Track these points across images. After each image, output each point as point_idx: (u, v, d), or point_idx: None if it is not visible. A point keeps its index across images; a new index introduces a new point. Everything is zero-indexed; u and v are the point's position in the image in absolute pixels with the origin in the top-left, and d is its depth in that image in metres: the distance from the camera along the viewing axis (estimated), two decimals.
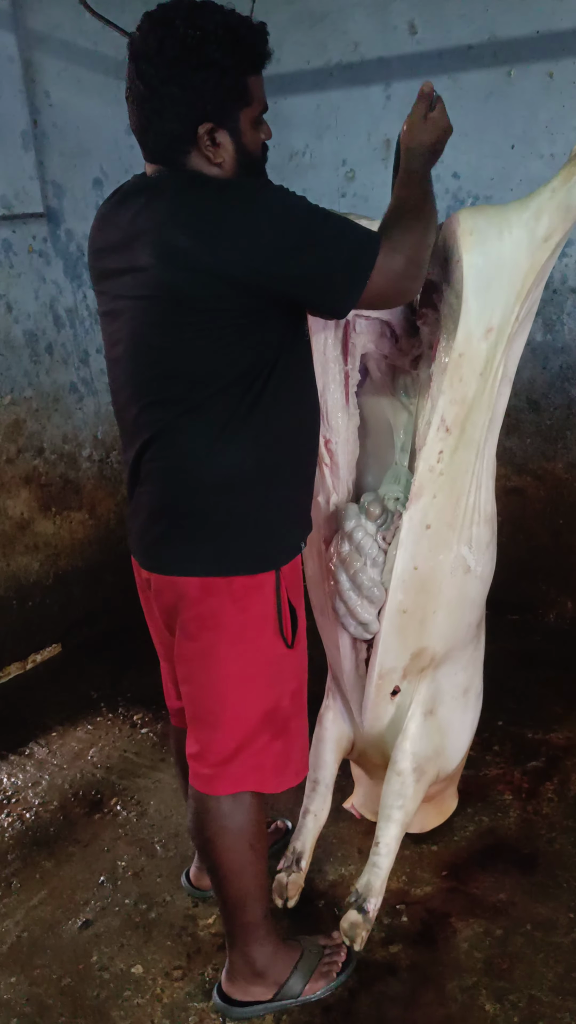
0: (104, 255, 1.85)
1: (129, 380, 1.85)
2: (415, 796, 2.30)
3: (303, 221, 1.69)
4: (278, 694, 1.95)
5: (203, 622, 1.87)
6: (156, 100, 1.70)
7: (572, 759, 2.97)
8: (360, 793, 2.69)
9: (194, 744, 1.99)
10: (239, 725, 1.93)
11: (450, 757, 2.41)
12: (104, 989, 2.23)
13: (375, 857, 2.27)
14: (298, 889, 2.38)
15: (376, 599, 2.16)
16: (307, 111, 3.83)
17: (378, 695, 2.27)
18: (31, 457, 3.73)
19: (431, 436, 2.04)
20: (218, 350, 1.72)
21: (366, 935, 2.20)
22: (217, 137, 1.74)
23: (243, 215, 1.66)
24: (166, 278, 1.68)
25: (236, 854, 2.01)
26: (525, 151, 3.44)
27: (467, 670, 2.39)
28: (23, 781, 3.07)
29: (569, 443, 3.72)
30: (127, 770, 3.09)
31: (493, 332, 2.00)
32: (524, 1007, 2.10)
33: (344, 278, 1.71)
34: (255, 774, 1.97)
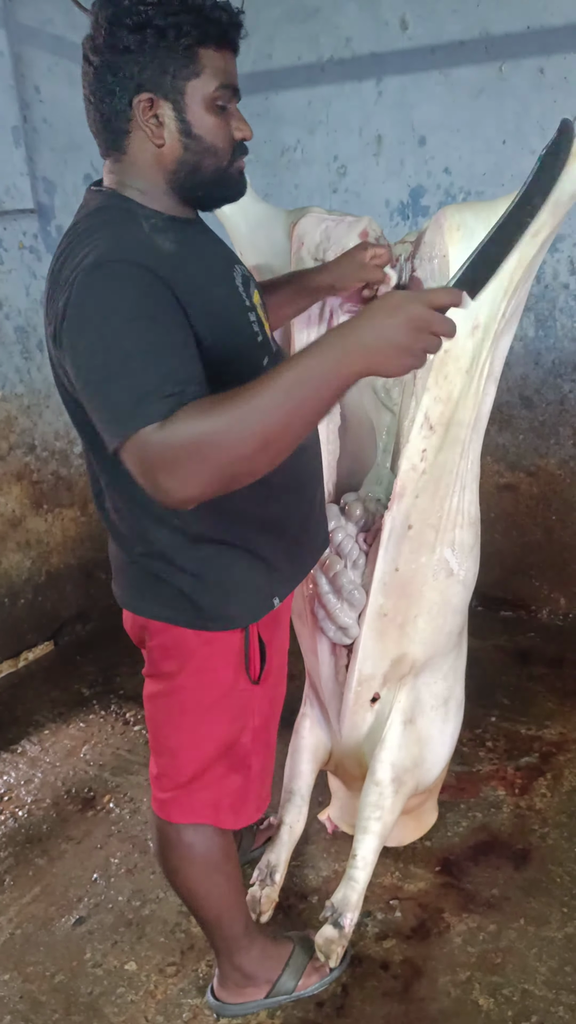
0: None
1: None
2: (393, 807, 2.25)
3: (111, 326, 1.37)
4: (239, 729, 1.85)
5: (166, 651, 1.79)
6: (92, 75, 1.52)
7: (565, 755, 2.97)
8: (336, 806, 2.64)
9: (154, 766, 1.92)
10: (196, 754, 1.84)
11: (429, 768, 2.36)
12: (97, 986, 2.23)
13: (352, 871, 2.20)
14: (272, 904, 2.31)
15: (356, 602, 2.12)
16: (299, 107, 3.82)
17: (357, 702, 2.24)
18: (23, 454, 3.72)
19: (414, 434, 2.01)
20: None
21: (341, 951, 2.14)
22: (159, 112, 1.51)
23: (78, 295, 1.41)
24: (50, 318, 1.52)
25: (203, 881, 1.97)
26: (516, 146, 3.44)
27: (448, 679, 2.35)
28: (16, 779, 3.07)
29: (562, 439, 3.72)
30: (120, 767, 3.09)
31: (479, 329, 1.98)
32: (517, 1001, 2.10)
33: (109, 422, 1.37)
34: (211, 809, 1.89)
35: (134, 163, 1.57)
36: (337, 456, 2.26)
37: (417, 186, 3.69)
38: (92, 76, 1.52)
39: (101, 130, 1.58)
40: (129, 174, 1.58)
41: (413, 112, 3.60)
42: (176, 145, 1.54)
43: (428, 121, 3.58)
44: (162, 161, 1.56)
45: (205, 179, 1.59)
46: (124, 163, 1.58)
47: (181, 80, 1.50)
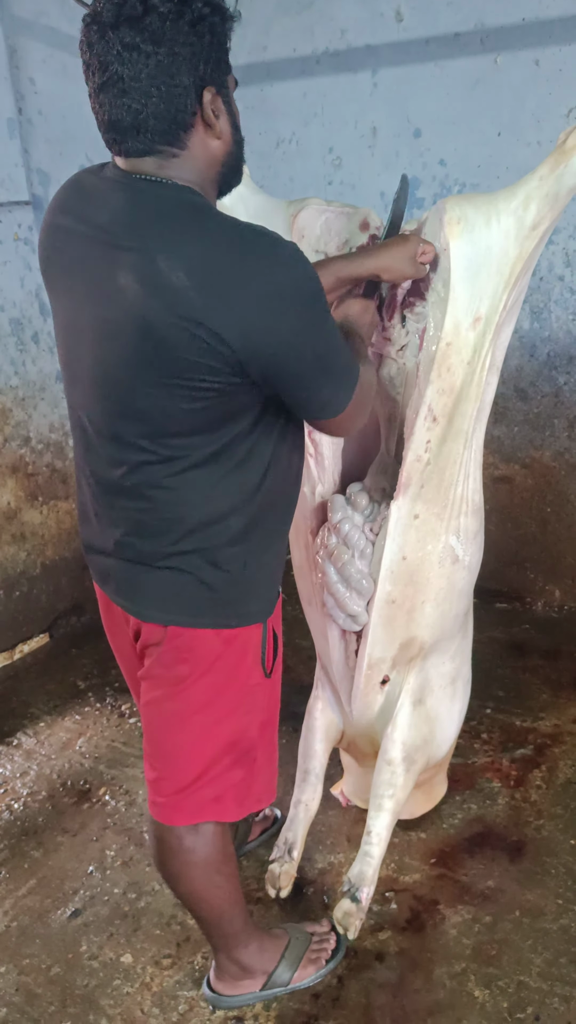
0: (63, 253, 1.64)
1: (100, 411, 1.65)
2: (405, 785, 2.30)
3: (321, 315, 1.54)
4: (246, 724, 1.86)
5: (180, 654, 1.76)
6: (152, 67, 1.45)
7: (560, 746, 2.98)
8: (349, 781, 2.69)
9: (152, 771, 1.89)
10: (201, 754, 1.83)
11: (439, 745, 2.41)
12: (93, 978, 2.23)
13: (367, 846, 2.27)
14: (290, 879, 2.38)
15: (365, 591, 2.15)
16: (294, 98, 3.82)
17: (367, 685, 2.27)
18: (17, 446, 3.71)
19: (419, 426, 2.02)
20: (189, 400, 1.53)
21: (360, 923, 2.21)
22: (217, 107, 1.53)
23: (267, 280, 1.45)
24: (147, 310, 1.47)
25: (205, 883, 1.97)
26: (512, 139, 3.43)
27: (455, 659, 2.39)
28: (11, 771, 3.07)
29: (556, 431, 3.72)
30: (115, 759, 3.09)
31: (481, 321, 1.99)
32: (513, 993, 2.11)
33: (332, 392, 1.61)
34: (214, 805, 1.88)
35: (193, 158, 1.55)
36: (341, 446, 2.28)
37: (412, 178, 3.68)
38: (154, 67, 1.45)
39: (159, 124, 1.50)
40: (185, 170, 1.54)
41: (408, 104, 3.59)
42: (228, 138, 1.58)
43: (423, 113, 3.57)
44: (217, 155, 1.58)
45: (237, 169, 1.66)
46: (181, 159, 1.54)
47: (224, 74, 1.54)
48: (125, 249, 1.48)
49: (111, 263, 1.49)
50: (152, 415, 1.55)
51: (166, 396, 1.52)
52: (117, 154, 1.56)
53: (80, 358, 1.63)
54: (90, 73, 1.51)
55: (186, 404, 1.52)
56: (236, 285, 1.43)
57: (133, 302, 1.47)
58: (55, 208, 1.67)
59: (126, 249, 1.48)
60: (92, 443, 1.69)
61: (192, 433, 1.57)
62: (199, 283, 1.42)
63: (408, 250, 1.89)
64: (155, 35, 1.43)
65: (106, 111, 1.51)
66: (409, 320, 2.07)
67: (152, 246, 1.45)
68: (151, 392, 1.52)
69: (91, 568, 1.89)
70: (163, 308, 1.44)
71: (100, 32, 1.45)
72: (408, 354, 2.07)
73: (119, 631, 1.91)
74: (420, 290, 2.00)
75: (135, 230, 1.49)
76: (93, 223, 1.55)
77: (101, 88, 1.49)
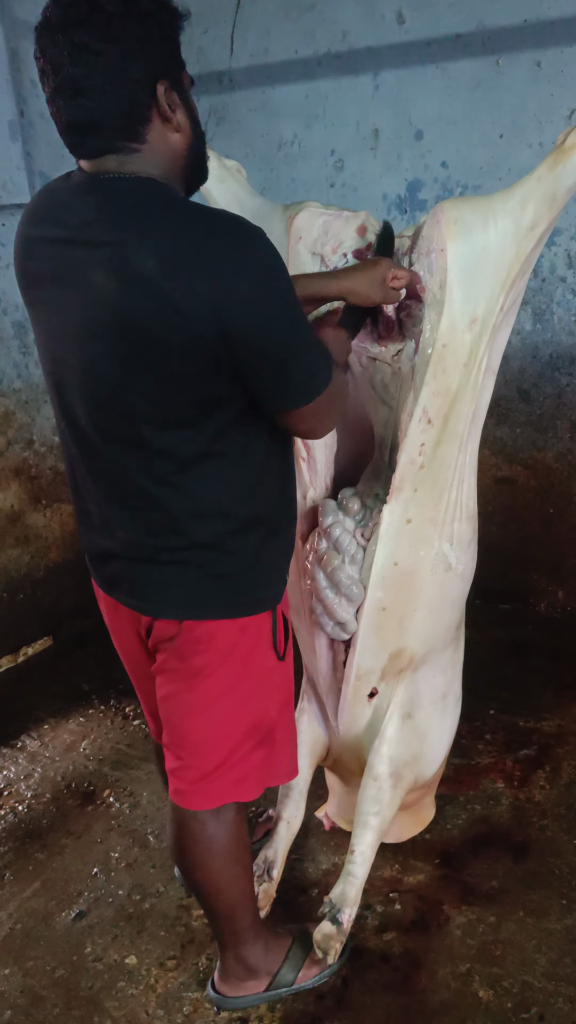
0: (42, 262, 1.64)
1: (95, 414, 1.65)
2: (392, 802, 2.26)
3: (288, 298, 1.57)
4: (265, 706, 1.90)
5: (195, 645, 1.78)
6: (103, 64, 1.46)
7: (563, 747, 2.98)
8: (334, 802, 2.64)
9: (173, 760, 1.91)
10: (224, 740, 1.87)
11: (427, 763, 2.37)
12: (98, 980, 2.24)
13: (350, 866, 2.21)
14: (270, 899, 2.32)
15: (354, 597, 2.12)
16: (296, 101, 3.82)
17: (355, 697, 2.24)
18: (21, 449, 3.72)
19: (413, 428, 2.01)
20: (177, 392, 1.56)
21: (340, 947, 2.14)
22: (172, 100, 1.55)
23: (236, 260, 1.47)
24: (123, 302, 1.49)
25: (222, 872, 1.98)
26: (514, 140, 3.43)
27: (446, 674, 2.35)
28: (15, 774, 3.07)
29: (559, 432, 3.72)
30: (119, 761, 3.09)
31: (477, 323, 1.98)
32: (517, 993, 2.11)
33: (300, 381, 1.62)
34: (238, 786, 1.91)
35: (154, 152, 1.57)
36: (334, 451, 2.26)
37: (414, 180, 3.69)
38: (105, 64, 1.47)
39: (116, 120, 1.53)
40: (148, 164, 1.57)
41: (410, 106, 3.59)
42: (187, 131, 1.61)
43: (425, 115, 3.57)
44: (178, 148, 1.61)
45: (201, 163, 1.70)
46: (143, 153, 1.56)
47: (178, 69, 1.58)
48: (98, 246, 1.50)
49: (87, 263, 1.52)
50: (145, 411, 1.57)
51: (157, 390, 1.55)
52: (80, 157, 1.60)
53: (70, 366, 1.64)
54: (45, 79, 1.52)
55: (175, 396, 1.55)
56: (204, 268, 1.45)
57: (111, 297, 1.50)
58: (27, 220, 1.71)
59: (99, 246, 1.50)
60: (91, 448, 1.69)
61: (184, 426, 1.59)
62: (169, 269, 1.45)
63: (377, 274, 1.87)
64: (103, 33, 1.45)
65: (63, 114, 1.53)
66: (404, 323, 2.06)
67: (123, 239, 1.48)
68: (141, 387, 1.55)
69: (96, 575, 1.91)
70: (138, 298, 1.47)
71: (50, 36, 1.48)
72: (404, 356, 2.06)
73: (126, 633, 1.93)
74: (416, 292, 2.00)
75: (106, 226, 1.51)
76: (66, 227, 1.57)
77: (56, 92, 1.51)
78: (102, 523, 1.78)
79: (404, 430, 2.02)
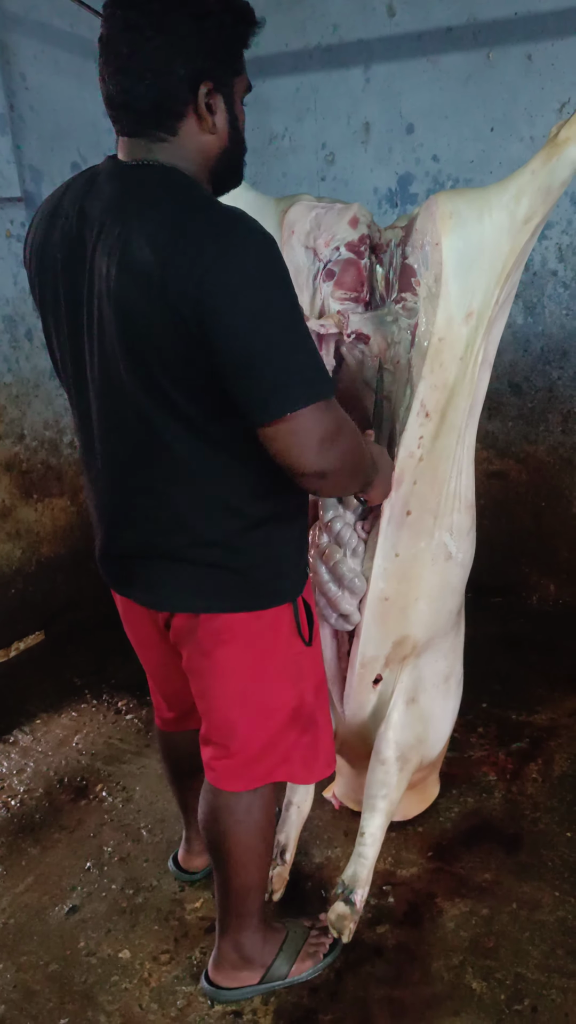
0: (56, 253, 1.63)
1: (111, 411, 1.64)
2: (399, 785, 2.29)
3: (282, 301, 1.48)
4: (301, 691, 1.90)
5: (218, 636, 1.78)
6: (149, 51, 1.47)
7: (556, 740, 2.99)
8: (341, 783, 2.67)
9: (214, 750, 1.92)
10: (264, 728, 1.87)
11: (432, 744, 2.40)
12: (91, 974, 2.23)
13: (361, 847, 2.26)
14: (283, 882, 2.38)
15: (357, 589, 2.13)
16: (286, 94, 3.81)
17: (360, 684, 2.26)
18: (12, 444, 3.71)
19: (411, 422, 2.02)
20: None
21: (354, 927, 2.18)
22: (213, 102, 1.56)
23: (224, 246, 1.43)
24: (123, 292, 1.48)
25: (249, 848, 1.99)
26: (505, 133, 3.44)
27: (448, 657, 2.38)
28: (8, 768, 3.06)
29: (551, 426, 3.73)
30: (112, 756, 3.09)
31: (473, 316, 1.98)
32: (510, 985, 2.12)
33: (278, 388, 1.47)
34: (284, 766, 1.94)
35: (182, 147, 1.57)
36: None
37: (405, 173, 3.69)
38: (151, 51, 1.48)
39: (151, 107, 1.53)
40: (176, 155, 1.56)
41: (401, 99, 3.59)
42: (224, 136, 1.60)
43: (416, 108, 3.57)
44: (209, 149, 1.59)
45: (234, 170, 1.69)
46: (172, 144, 1.56)
47: (231, 75, 1.59)
48: (105, 234, 1.51)
49: (95, 252, 1.53)
50: (152, 408, 1.56)
51: (160, 384, 1.53)
52: (117, 132, 1.59)
53: (79, 360, 1.64)
54: (100, 47, 1.54)
55: (178, 392, 1.53)
56: (196, 255, 1.42)
57: (112, 288, 1.50)
58: (48, 212, 1.67)
59: (106, 234, 1.51)
60: (103, 444, 1.69)
61: (192, 424, 1.56)
62: (163, 257, 1.43)
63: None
64: (156, 21, 1.46)
65: (106, 85, 1.54)
66: (401, 315, 2.06)
67: (126, 228, 1.48)
68: (146, 382, 1.53)
69: (108, 576, 1.89)
70: (135, 288, 1.46)
71: (112, 9, 1.50)
72: (400, 350, 2.06)
73: (143, 628, 1.97)
74: (412, 285, 2.00)
75: (119, 215, 1.50)
76: (89, 218, 1.56)
77: (105, 63, 1.53)
78: (112, 521, 1.78)
79: (402, 423, 2.03)
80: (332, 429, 1.52)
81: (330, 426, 1.51)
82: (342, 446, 1.56)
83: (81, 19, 3.47)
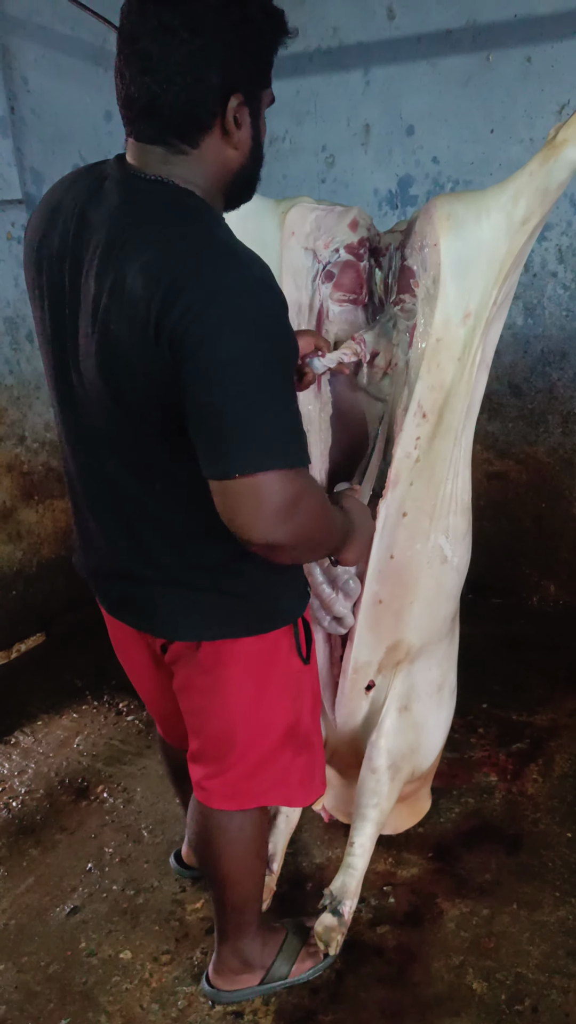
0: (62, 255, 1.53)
1: (87, 431, 1.60)
2: (390, 794, 2.27)
3: (269, 356, 1.37)
4: (298, 710, 1.87)
5: (219, 658, 1.73)
6: (183, 54, 1.36)
7: (556, 740, 2.99)
8: (331, 795, 2.64)
9: (204, 768, 1.88)
10: (260, 743, 1.83)
11: (424, 755, 2.38)
12: (92, 975, 2.24)
13: (350, 858, 2.22)
14: (270, 893, 2.34)
15: (351, 592, 2.12)
16: (286, 97, 3.81)
17: (352, 690, 2.25)
18: (12, 445, 3.71)
19: (408, 422, 2.01)
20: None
21: (341, 939, 2.14)
22: (240, 116, 1.45)
23: (221, 301, 1.33)
24: (112, 320, 1.41)
25: (243, 865, 1.99)
26: (504, 136, 3.44)
27: (442, 666, 2.36)
28: (9, 770, 3.07)
29: (551, 427, 3.73)
30: (113, 757, 3.09)
31: (471, 317, 1.98)
32: (511, 985, 2.12)
33: (235, 447, 1.36)
34: (280, 788, 1.92)
35: (203, 161, 1.47)
36: (329, 445, 2.25)
37: (405, 176, 3.69)
38: (184, 55, 1.37)
39: (174, 115, 1.42)
40: (193, 170, 1.47)
41: (401, 101, 3.59)
42: (245, 151, 1.51)
43: (416, 110, 3.58)
44: (230, 165, 1.51)
45: (251, 185, 1.61)
46: (192, 158, 1.46)
47: (260, 87, 1.49)
48: (106, 257, 1.42)
49: (94, 273, 1.44)
50: (141, 430, 1.50)
51: (149, 409, 1.46)
52: (129, 135, 1.48)
53: (67, 379, 1.57)
54: (122, 44, 1.42)
55: (160, 416, 1.45)
56: (187, 287, 1.33)
57: (103, 315, 1.42)
58: (50, 207, 1.58)
59: (106, 256, 1.42)
60: (92, 466, 1.64)
61: (184, 448, 1.44)
62: (153, 292, 1.34)
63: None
64: (195, 23, 1.36)
65: (126, 85, 1.43)
66: (399, 317, 2.06)
67: (126, 251, 1.39)
68: (136, 411, 1.47)
69: (99, 594, 1.84)
70: (125, 318, 1.39)
71: (141, 4, 1.38)
72: (399, 352, 2.06)
73: (134, 649, 1.93)
74: (410, 286, 2.00)
75: (120, 234, 1.42)
76: (89, 226, 1.48)
77: (126, 62, 1.41)
78: (105, 542, 1.71)
79: (399, 424, 2.03)
80: (289, 501, 1.38)
81: (288, 498, 1.38)
82: (300, 521, 1.42)
83: (83, 23, 3.48)
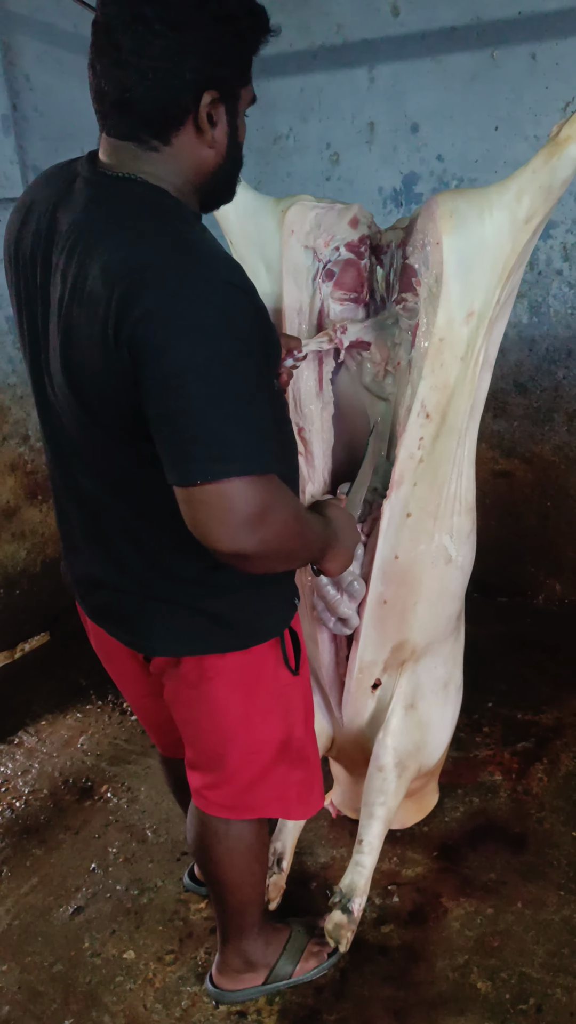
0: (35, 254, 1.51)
1: (66, 441, 1.57)
2: (397, 792, 2.26)
3: (234, 360, 1.31)
4: (290, 723, 1.84)
5: (203, 673, 1.69)
6: (156, 48, 1.32)
7: (561, 739, 2.98)
8: (339, 791, 2.65)
9: (201, 778, 1.86)
10: (253, 759, 1.81)
11: (431, 752, 2.37)
12: (96, 975, 2.24)
13: (358, 856, 2.22)
14: (280, 891, 2.34)
15: (356, 593, 2.11)
16: (291, 94, 3.81)
17: (358, 689, 2.24)
18: (16, 444, 3.71)
19: (411, 422, 1.99)
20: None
21: (351, 936, 2.14)
22: (216, 112, 1.42)
23: (185, 301, 1.29)
24: (79, 325, 1.37)
25: (243, 871, 1.98)
26: (510, 133, 3.43)
27: (447, 664, 2.36)
28: (13, 769, 3.07)
29: (556, 425, 3.72)
30: (117, 757, 3.09)
31: (474, 316, 1.97)
32: (515, 984, 2.11)
33: (194, 453, 1.30)
34: (278, 803, 1.90)
35: (175, 158, 1.44)
36: (332, 444, 2.24)
37: (410, 173, 3.68)
38: (158, 48, 1.33)
39: (146, 111, 1.38)
40: (165, 168, 1.44)
41: (405, 99, 3.59)
42: (222, 150, 1.47)
43: (421, 108, 3.57)
44: (204, 166, 1.47)
45: (229, 185, 1.58)
46: (164, 155, 1.43)
47: (238, 85, 1.46)
48: (72, 256, 1.40)
49: (61, 274, 1.42)
50: (116, 442, 1.47)
51: (120, 418, 1.42)
52: (102, 129, 1.45)
53: (43, 388, 1.56)
54: (95, 37, 1.39)
55: (132, 425, 1.40)
56: (148, 288, 1.28)
57: (66, 316, 1.40)
58: (27, 204, 1.57)
59: (71, 256, 1.40)
60: (73, 475, 1.62)
61: (157, 459, 1.38)
62: (113, 291, 1.31)
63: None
64: (172, 16, 1.32)
65: (98, 79, 1.40)
66: (402, 316, 2.05)
67: (91, 250, 1.36)
68: (106, 417, 1.44)
69: (82, 601, 1.82)
70: (86, 320, 1.35)
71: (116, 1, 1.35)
72: (401, 351, 2.05)
73: (119, 659, 1.89)
74: (412, 285, 1.99)
75: (86, 234, 1.39)
76: (58, 225, 1.45)
77: (99, 54, 1.38)
78: (86, 551, 1.70)
79: (403, 424, 2.01)
80: (257, 509, 1.33)
81: (256, 505, 1.33)
82: (271, 529, 1.36)
83: (85, 20, 3.44)
